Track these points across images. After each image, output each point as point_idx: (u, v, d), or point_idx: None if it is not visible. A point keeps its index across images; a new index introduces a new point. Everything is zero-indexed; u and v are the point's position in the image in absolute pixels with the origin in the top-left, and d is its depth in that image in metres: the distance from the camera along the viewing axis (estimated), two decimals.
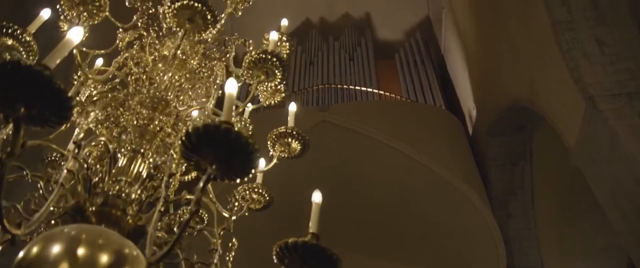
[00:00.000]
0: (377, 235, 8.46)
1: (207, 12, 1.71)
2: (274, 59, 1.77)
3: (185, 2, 1.71)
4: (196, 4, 1.72)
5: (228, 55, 2.43)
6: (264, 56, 1.77)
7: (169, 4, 1.75)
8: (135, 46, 2.05)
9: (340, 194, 7.95)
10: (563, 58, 5.19)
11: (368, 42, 12.06)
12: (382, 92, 9.42)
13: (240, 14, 2.43)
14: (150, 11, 2.14)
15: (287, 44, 2.42)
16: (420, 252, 8.23)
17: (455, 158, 7.79)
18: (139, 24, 2.14)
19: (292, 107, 2.59)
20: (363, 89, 9.36)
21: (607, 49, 5.11)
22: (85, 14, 2.13)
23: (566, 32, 5.29)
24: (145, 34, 2.07)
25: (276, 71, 1.78)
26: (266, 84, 1.83)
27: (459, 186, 7.33)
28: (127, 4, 2.22)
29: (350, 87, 9.40)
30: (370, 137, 7.32)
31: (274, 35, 2.07)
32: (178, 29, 1.83)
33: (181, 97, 1.98)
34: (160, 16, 2.07)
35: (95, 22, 2.19)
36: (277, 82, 1.84)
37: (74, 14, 2.11)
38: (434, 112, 8.74)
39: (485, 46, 8.06)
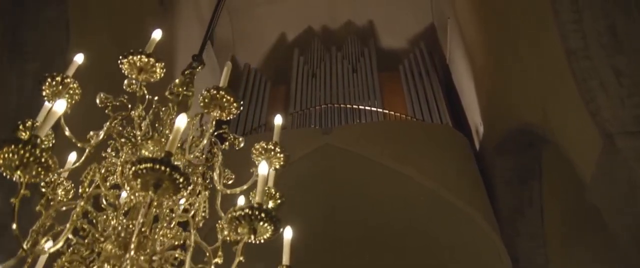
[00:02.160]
0: (381, 255, 8.26)
1: (178, 176, 1.37)
2: (262, 214, 1.48)
3: (149, 165, 1.35)
4: (163, 168, 1.35)
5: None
6: (249, 212, 1.47)
7: (129, 166, 1.43)
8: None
9: (344, 214, 7.76)
10: (578, 89, 4.93)
11: (371, 53, 11.80)
12: (386, 111, 9.16)
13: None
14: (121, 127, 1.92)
15: (282, 155, 2.18)
16: None
17: (462, 180, 7.56)
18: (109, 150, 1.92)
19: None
20: (367, 108, 9.11)
21: (625, 79, 4.83)
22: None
23: (581, 60, 5.02)
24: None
25: (267, 225, 1.49)
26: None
27: (466, 209, 7.11)
28: (98, 102, 2.02)
29: (354, 106, 9.16)
30: (375, 161, 7.09)
31: (263, 168, 1.80)
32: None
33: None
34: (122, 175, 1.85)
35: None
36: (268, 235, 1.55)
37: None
38: (440, 130, 8.49)
39: (494, 62, 7.80)
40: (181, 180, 1.33)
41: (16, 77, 5.71)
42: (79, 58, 2.12)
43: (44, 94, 1.93)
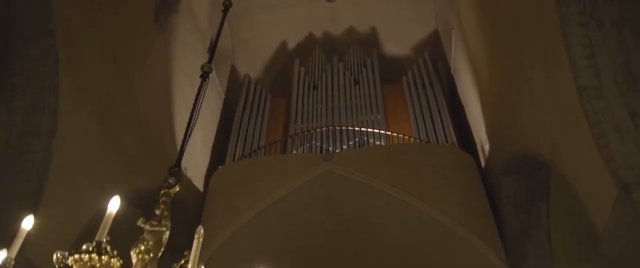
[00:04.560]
0: None
1: None
2: None
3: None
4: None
5: None
6: None
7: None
8: None
9: (345, 240, 7.59)
10: (591, 131, 4.67)
11: (374, 63, 11.50)
12: (389, 133, 8.90)
13: None
14: None
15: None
16: None
17: (468, 207, 7.34)
18: None
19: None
20: (369, 130, 8.86)
21: None
22: None
23: (594, 100, 4.75)
24: None
25: None
26: None
27: (471, 239, 6.91)
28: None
29: (356, 128, 8.91)
30: (378, 189, 6.88)
31: None
32: None
33: None
34: None
35: None
36: None
37: None
38: (445, 152, 8.23)
39: (500, 82, 7.52)
40: None
41: (5, 115, 5.52)
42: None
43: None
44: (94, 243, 1.77)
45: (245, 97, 11.01)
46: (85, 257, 1.75)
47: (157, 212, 2.17)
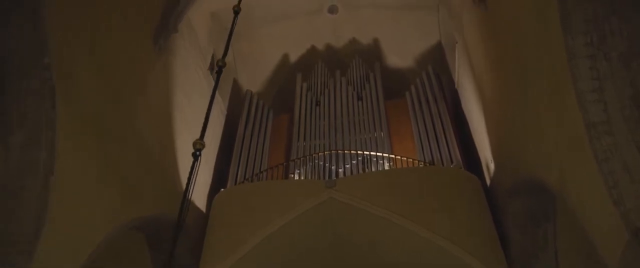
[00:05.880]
0: None
1: None
2: None
3: None
4: None
5: None
6: None
7: None
8: None
9: (350, 266, 7.48)
10: (599, 170, 4.53)
11: (377, 78, 11.37)
12: (392, 156, 8.77)
13: None
14: None
15: None
16: None
17: (473, 230, 7.21)
18: None
19: None
20: (372, 153, 8.74)
21: None
22: None
23: (602, 136, 4.61)
24: None
25: None
26: None
27: (477, 266, 6.78)
28: None
29: (359, 152, 8.78)
30: (381, 217, 6.76)
31: None
32: None
33: None
34: None
35: None
36: None
37: None
38: (450, 175, 8.08)
39: (506, 110, 7.37)
40: None
41: (1, 150, 5.43)
42: None
43: None
44: None
45: (247, 115, 10.91)
46: None
47: None
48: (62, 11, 5.72)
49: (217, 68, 3.08)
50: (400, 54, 12.92)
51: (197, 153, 2.42)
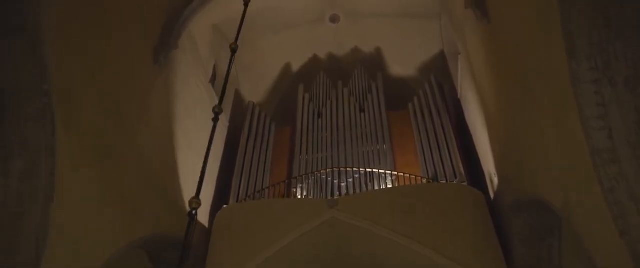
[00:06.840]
0: None
1: None
2: None
3: None
4: None
5: None
6: None
7: None
8: None
9: None
10: (605, 199, 4.47)
11: (379, 88, 11.31)
12: (395, 173, 8.72)
13: None
14: None
15: None
16: None
17: (477, 248, 7.15)
18: None
19: None
20: (374, 170, 8.68)
21: None
22: None
23: (608, 165, 4.54)
24: None
25: None
26: None
27: None
28: None
29: (361, 169, 8.73)
30: (384, 236, 6.71)
31: None
32: None
33: None
34: None
35: None
36: None
37: None
38: (453, 191, 8.01)
39: (509, 125, 7.29)
40: None
41: (1, 177, 5.40)
42: None
43: None
44: None
45: (250, 128, 10.86)
46: None
47: None
48: (61, 36, 5.69)
49: (214, 115, 3.00)
50: (403, 63, 12.86)
51: (193, 212, 2.38)
